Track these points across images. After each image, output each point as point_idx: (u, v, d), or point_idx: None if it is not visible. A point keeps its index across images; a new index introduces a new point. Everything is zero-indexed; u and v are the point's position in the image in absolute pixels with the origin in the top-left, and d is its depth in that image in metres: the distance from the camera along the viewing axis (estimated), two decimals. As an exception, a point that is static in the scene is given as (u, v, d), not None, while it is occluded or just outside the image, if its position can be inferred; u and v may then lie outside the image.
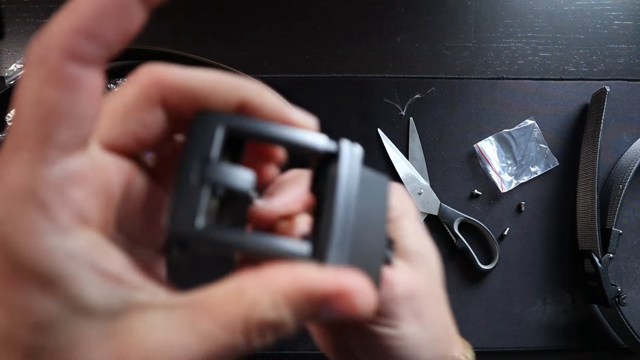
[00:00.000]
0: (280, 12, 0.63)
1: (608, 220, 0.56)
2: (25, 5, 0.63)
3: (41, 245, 0.13)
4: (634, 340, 0.53)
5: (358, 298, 0.15)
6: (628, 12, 0.64)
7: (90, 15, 0.13)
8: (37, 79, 0.13)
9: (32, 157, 0.13)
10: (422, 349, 0.23)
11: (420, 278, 0.23)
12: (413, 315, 0.22)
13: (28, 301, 0.14)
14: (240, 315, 0.14)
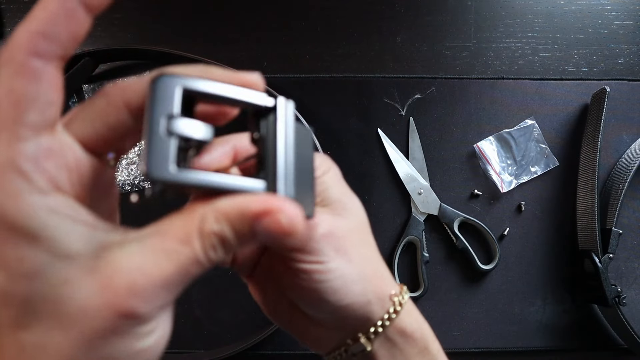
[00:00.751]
0: (280, 12, 0.63)
1: (608, 220, 0.56)
2: (25, 5, 0.63)
3: (26, 204, 0.16)
4: (634, 340, 0.53)
5: (282, 215, 0.18)
6: (628, 12, 0.64)
7: (46, 20, 0.17)
8: (7, 74, 0.16)
9: (9, 136, 0.16)
10: (352, 283, 0.25)
11: (341, 221, 0.25)
12: (335, 251, 0.25)
13: (19, 254, 0.16)
14: (193, 229, 0.18)
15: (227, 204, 0.19)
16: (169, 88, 0.19)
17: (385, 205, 0.59)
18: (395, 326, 0.27)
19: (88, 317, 0.17)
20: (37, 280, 0.17)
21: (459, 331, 0.57)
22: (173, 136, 0.18)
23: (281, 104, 0.21)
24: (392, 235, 0.59)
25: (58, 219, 0.17)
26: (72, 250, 0.17)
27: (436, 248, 0.59)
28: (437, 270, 0.58)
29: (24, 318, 0.17)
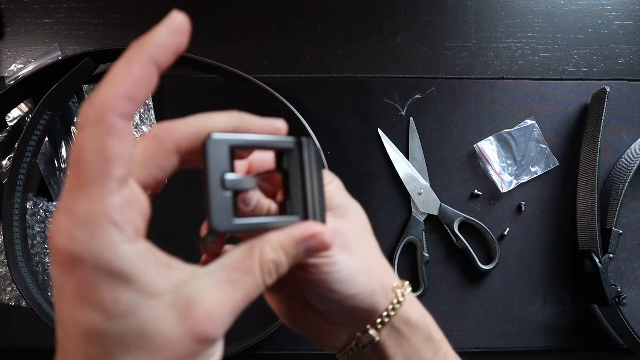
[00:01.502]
0: (280, 12, 0.63)
1: (608, 220, 0.56)
2: (25, 5, 0.63)
3: (120, 252, 0.19)
4: (634, 340, 0.53)
5: (322, 235, 0.24)
6: (628, 12, 0.64)
7: (130, 85, 0.19)
8: (98, 133, 0.18)
9: (101, 191, 0.18)
10: (357, 273, 0.27)
11: (344, 222, 0.28)
12: (340, 246, 0.27)
13: (114, 296, 0.19)
14: (254, 261, 0.22)
15: (279, 235, 0.23)
16: (220, 148, 0.22)
17: (385, 205, 0.59)
18: (400, 316, 0.29)
19: (172, 346, 0.19)
20: (130, 318, 0.19)
21: (459, 331, 0.57)
22: (228, 191, 0.22)
23: (305, 143, 0.25)
24: (392, 235, 0.59)
25: (145, 263, 0.19)
26: (158, 289, 0.20)
27: (436, 248, 0.59)
28: (437, 270, 0.58)
29: (114, 351, 0.19)
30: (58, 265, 0.19)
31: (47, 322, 0.53)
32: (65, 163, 0.59)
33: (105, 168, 0.18)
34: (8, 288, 0.57)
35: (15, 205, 0.56)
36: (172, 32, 0.20)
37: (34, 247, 0.57)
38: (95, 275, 0.18)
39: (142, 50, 0.19)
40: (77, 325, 0.19)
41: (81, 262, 0.18)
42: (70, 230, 0.18)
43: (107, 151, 0.18)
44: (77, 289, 0.19)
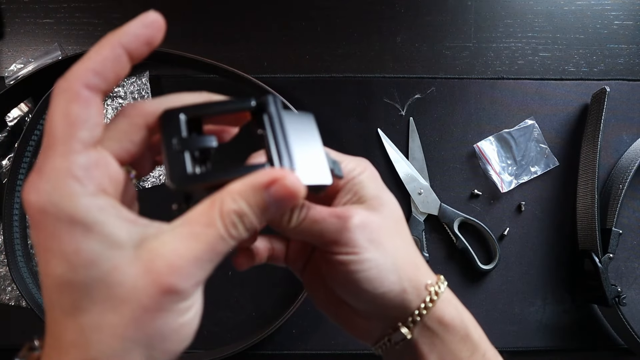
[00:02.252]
0: (280, 12, 0.63)
1: (608, 220, 0.56)
2: (25, 5, 0.63)
3: (81, 202, 0.20)
4: (634, 340, 0.53)
5: (286, 180, 0.22)
6: (628, 12, 0.64)
7: (98, 61, 0.21)
8: (64, 99, 0.20)
9: (65, 149, 0.20)
10: (387, 272, 0.27)
11: (375, 215, 0.28)
12: (369, 242, 0.27)
13: (76, 245, 0.19)
14: (214, 213, 0.21)
15: (238, 184, 0.22)
16: (173, 117, 0.23)
17: (385, 205, 0.59)
18: (433, 315, 0.28)
19: (136, 297, 0.20)
20: (93, 268, 0.20)
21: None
22: (185, 151, 0.22)
23: (268, 99, 0.25)
24: (392, 235, 0.59)
25: (107, 215, 0.20)
26: (119, 239, 0.20)
27: (436, 248, 0.59)
28: (437, 270, 0.58)
29: (81, 302, 0.20)
30: (31, 221, 0.20)
31: (47, 322, 0.53)
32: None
33: (70, 130, 0.20)
34: (8, 288, 0.57)
35: (15, 205, 0.56)
36: (144, 25, 0.23)
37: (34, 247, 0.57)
38: (58, 225, 0.19)
39: (114, 36, 0.22)
40: (49, 277, 0.20)
41: (45, 213, 0.19)
42: (37, 184, 0.20)
43: (71, 115, 0.20)
44: (44, 241, 0.20)
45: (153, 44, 0.23)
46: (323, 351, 0.57)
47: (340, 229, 0.26)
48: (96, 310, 0.20)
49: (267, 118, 0.25)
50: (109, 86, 0.22)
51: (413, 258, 0.29)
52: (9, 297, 0.57)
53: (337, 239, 0.26)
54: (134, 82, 0.60)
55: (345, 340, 0.57)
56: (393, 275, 0.27)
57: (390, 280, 0.27)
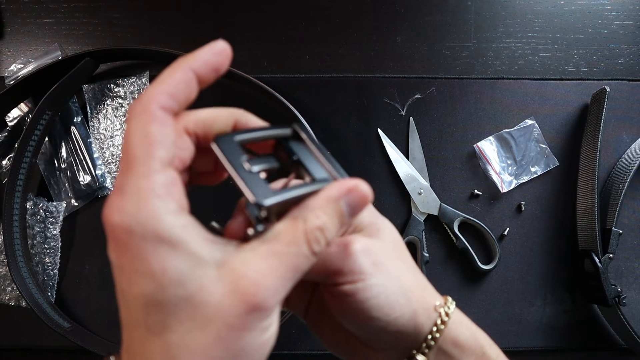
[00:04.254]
0: (280, 12, 0.63)
1: (608, 220, 0.56)
2: (25, 5, 0.63)
3: (166, 221, 0.20)
4: (634, 340, 0.53)
5: (360, 186, 0.24)
6: (628, 12, 0.64)
7: (172, 84, 0.22)
8: (142, 121, 0.21)
9: (146, 169, 0.20)
10: (395, 296, 0.26)
11: (375, 241, 0.28)
12: (374, 266, 0.26)
13: (163, 264, 0.19)
14: (298, 231, 0.22)
15: (317, 200, 0.23)
16: (231, 143, 0.24)
17: (385, 205, 0.59)
18: (447, 337, 0.28)
19: (222, 317, 0.20)
20: (180, 287, 0.20)
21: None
22: (256, 173, 0.23)
23: (298, 128, 0.26)
24: (392, 235, 0.59)
25: (189, 233, 0.20)
26: (203, 258, 0.20)
27: (436, 248, 0.59)
28: (437, 270, 0.58)
29: (168, 321, 0.20)
30: (113, 242, 0.20)
31: (47, 322, 0.53)
32: (65, 163, 0.59)
33: (149, 150, 0.21)
34: (8, 288, 0.57)
35: (15, 205, 0.56)
36: (213, 52, 0.24)
37: (34, 247, 0.57)
38: (144, 244, 0.19)
39: (186, 61, 0.23)
40: (135, 298, 0.20)
41: (131, 234, 0.20)
42: (119, 205, 0.20)
43: (150, 135, 0.21)
44: (130, 262, 0.20)
45: (220, 70, 0.24)
46: (323, 351, 0.57)
47: (343, 257, 0.26)
48: (183, 330, 0.20)
49: (301, 143, 0.26)
50: (180, 108, 0.23)
51: (418, 279, 0.29)
52: (9, 297, 0.57)
53: (340, 267, 0.26)
54: (134, 82, 0.60)
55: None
56: (402, 298, 0.26)
57: (400, 303, 0.26)
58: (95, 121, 0.60)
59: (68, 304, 0.57)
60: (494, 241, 0.58)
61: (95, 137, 0.60)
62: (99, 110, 0.60)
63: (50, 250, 0.57)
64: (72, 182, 0.59)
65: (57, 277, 0.57)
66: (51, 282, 0.57)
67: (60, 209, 0.58)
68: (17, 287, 0.53)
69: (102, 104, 0.60)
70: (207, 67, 0.23)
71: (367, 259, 0.26)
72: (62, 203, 0.58)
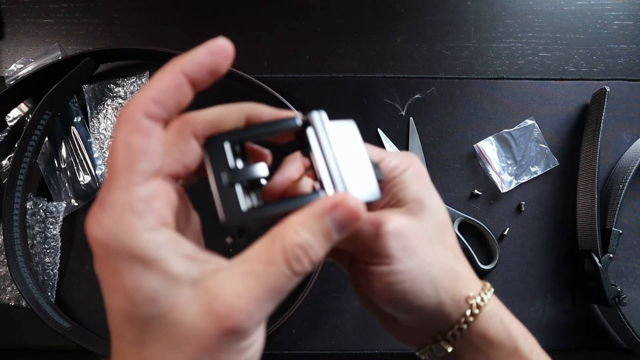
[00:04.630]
0: (280, 12, 0.63)
1: (608, 220, 0.56)
2: (25, 5, 0.63)
3: (140, 238, 0.19)
4: (634, 340, 0.53)
5: (348, 201, 0.21)
6: (628, 12, 0.64)
7: (159, 90, 0.21)
8: (125, 130, 0.20)
9: (126, 182, 0.20)
10: (422, 285, 0.25)
11: (413, 220, 0.26)
12: (403, 251, 0.25)
13: (137, 282, 0.19)
14: (276, 250, 0.20)
15: (299, 216, 0.21)
16: (218, 146, 0.22)
17: (385, 205, 0.59)
18: (475, 330, 0.27)
19: (196, 337, 0.19)
20: (152, 305, 0.19)
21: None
22: (236, 184, 0.22)
23: (314, 117, 0.24)
24: (392, 235, 0.59)
25: (165, 251, 0.20)
26: (178, 276, 0.20)
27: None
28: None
29: (144, 337, 0.20)
30: (95, 254, 0.20)
31: (47, 322, 0.53)
32: (65, 163, 0.59)
33: (130, 162, 0.20)
34: (8, 288, 0.57)
35: (15, 205, 0.56)
36: (209, 52, 0.22)
37: (34, 247, 0.57)
38: (119, 261, 0.19)
39: (177, 63, 0.21)
40: (112, 310, 0.20)
41: (108, 248, 0.19)
42: (99, 219, 0.20)
43: (132, 146, 0.20)
44: (107, 276, 0.20)
45: (218, 73, 0.22)
46: (323, 351, 0.57)
47: (373, 237, 0.25)
48: (158, 347, 0.20)
49: (313, 137, 0.24)
50: (170, 115, 0.21)
51: (453, 267, 0.27)
52: (9, 297, 0.57)
53: (369, 247, 0.25)
54: (134, 82, 0.60)
55: (345, 341, 0.57)
56: (429, 288, 0.25)
57: (426, 293, 0.25)
58: (95, 121, 0.60)
59: (68, 304, 0.57)
60: (494, 241, 0.58)
61: (95, 137, 0.60)
62: (99, 110, 0.60)
63: (50, 250, 0.57)
64: (72, 182, 0.59)
65: (57, 277, 0.57)
66: (51, 282, 0.57)
67: (60, 209, 0.58)
68: (17, 287, 0.53)
69: (102, 104, 0.60)
70: (201, 69, 0.21)
71: (397, 243, 0.25)
72: (62, 203, 0.58)
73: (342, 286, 0.58)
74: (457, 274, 0.27)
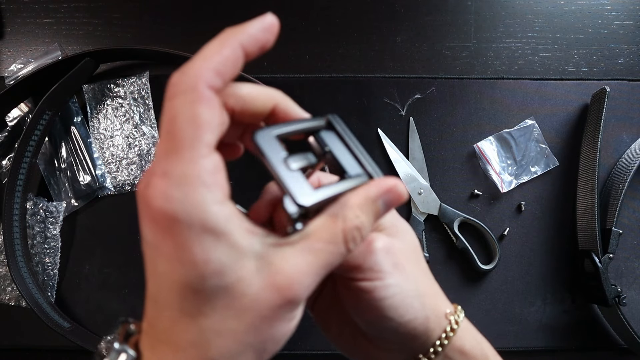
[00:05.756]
0: (280, 11, 0.63)
1: (608, 220, 0.56)
2: (25, 5, 0.63)
3: (212, 212, 0.19)
4: (634, 340, 0.53)
5: (399, 187, 0.24)
6: (628, 12, 0.64)
7: (220, 62, 0.21)
8: (189, 100, 0.20)
9: (193, 154, 0.19)
10: (411, 299, 0.27)
11: (396, 241, 0.28)
12: (393, 266, 0.26)
13: (207, 255, 0.19)
14: (337, 230, 0.22)
15: (356, 198, 0.23)
16: (270, 139, 0.23)
17: (385, 205, 0.59)
18: (454, 345, 0.28)
19: (258, 308, 0.20)
20: (220, 278, 0.20)
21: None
22: (296, 171, 0.23)
23: (333, 118, 0.26)
24: (392, 235, 0.59)
25: (233, 225, 0.20)
26: (244, 249, 0.20)
27: (436, 248, 0.59)
28: (437, 270, 0.58)
29: (204, 308, 0.20)
30: (154, 224, 0.20)
31: (47, 322, 0.53)
32: (65, 163, 0.59)
33: (197, 133, 0.20)
34: (8, 288, 0.57)
35: (15, 205, 0.56)
36: (263, 28, 0.22)
37: (34, 247, 0.57)
38: (189, 234, 0.19)
39: (234, 35, 0.21)
40: (173, 282, 0.20)
41: (177, 222, 0.19)
42: (166, 191, 0.19)
43: (198, 117, 0.20)
44: (173, 248, 0.20)
45: (265, 48, 0.22)
46: (323, 351, 0.57)
47: (364, 253, 0.26)
48: (217, 316, 0.20)
49: (333, 134, 0.26)
50: (224, 87, 0.21)
51: (432, 285, 0.29)
52: (9, 297, 0.57)
53: (360, 263, 0.26)
54: (134, 82, 0.60)
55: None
56: (417, 302, 0.27)
57: (414, 307, 0.27)
58: (95, 121, 0.60)
59: (68, 304, 0.57)
60: (494, 241, 0.58)
61: (95, 137, 0.60)
62: (99, 110, 0.60)
63: (50, 250, 0.57)
64: (72, 182, 0.59)
65: (57, 277, 0.57)
66: (51, 282, 0.57)
67: (60, 209, 0.58)
68: (17, 287, 0.53)
69: (102, 104, 0.60)
70: (256, 44, 0.22)
71: (388, 259, 0.26)
72: (62, 203, 0.58)
73: (342, 286, 0.58)
74: (436, 292, 0.29)
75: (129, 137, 0.59)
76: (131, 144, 0.59)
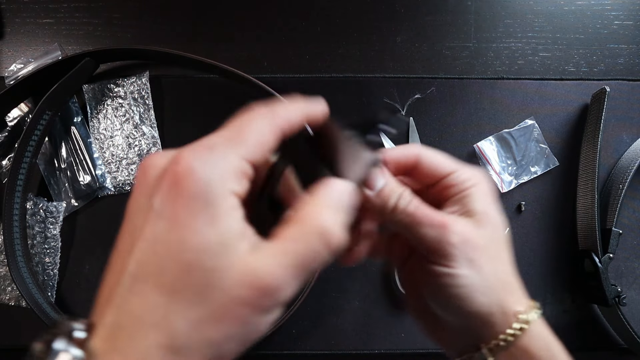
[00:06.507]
0: (280, 11, 0.63)
1: (608, 220, 0.56)
2: (25, 5, 0.63)
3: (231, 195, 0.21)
4: (634, 340, 0.53)
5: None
6: (628, 12, 0.64)
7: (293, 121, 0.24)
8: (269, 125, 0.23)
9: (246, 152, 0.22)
10: (476, 292, 0.27)
11: (479, 232, 0.27)
12: (466, 259, 0.26)
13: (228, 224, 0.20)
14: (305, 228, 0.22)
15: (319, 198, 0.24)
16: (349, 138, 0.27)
17: (385, 205, 0.59)
18: (519, 344, 0.28)
19: (231, 303, 0.20)
20: (211, 258, 0.20)
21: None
22: None
23: None
24: (392, 235, 0.59)
25: (237, 214, 0.21)
26: (236, 242, 0.21)
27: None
28: (437, 270, 0.58)
29: (179, 284, 0.20)
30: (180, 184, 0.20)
31: (47, 322, 0.53)
32: (65, 163, 0.59)
33: (257, 144, 0.22)
34: (8, 288, 0.57)
35: (15, 205, 0.56)
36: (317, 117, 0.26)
37: (34, 247, 0.57)
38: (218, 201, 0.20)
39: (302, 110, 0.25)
40: (168, 245, 0.20)
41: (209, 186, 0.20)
42: (206, 157, 0.21)
43: (264, 139, 0.22)
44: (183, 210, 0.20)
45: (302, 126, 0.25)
46: (323, 351, 0.57)
47: (440, 239, 0.26)
48: (186, 299, 0.20)
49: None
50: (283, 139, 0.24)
51: (509, 282, 0.28)
52: (9, 297, 0.57)
53: (435, 248, 0.27)
54: (134, 82, 0.60)
55: (345, 341, 0.57)
56: (483, 297, 0.27)
57: (479, 301, 0.27)
58: (95, 121, 0.60)
59: (68, 304, 0.57)
60: (494, 241, 0.57)
61: (95, 137, 0.60)
62: (99, 110, 0.60)
63: (50, 250, 0.57)
64: (72, 182, 0.59)
65: (57, 277, 0.57)
66: (51, 282, 0.57)
67: (60, 209, 0.58)
68: (17, 287, 0.53)
69: (102, 104, 0.60)
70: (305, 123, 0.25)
71: (462, 250, 0.26)
72: (62, 203, 0.58)
73: (342, 286, 0.58)
74: (512, 289, 0.28)
75: (129, 137, 0.59)
76: (131, 144, 0.59)
